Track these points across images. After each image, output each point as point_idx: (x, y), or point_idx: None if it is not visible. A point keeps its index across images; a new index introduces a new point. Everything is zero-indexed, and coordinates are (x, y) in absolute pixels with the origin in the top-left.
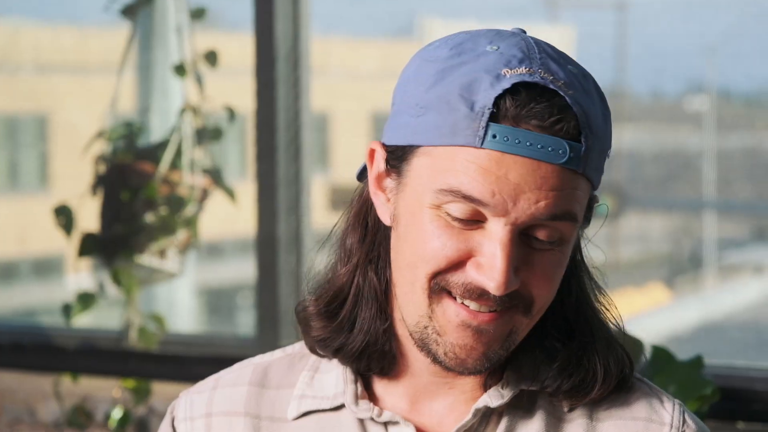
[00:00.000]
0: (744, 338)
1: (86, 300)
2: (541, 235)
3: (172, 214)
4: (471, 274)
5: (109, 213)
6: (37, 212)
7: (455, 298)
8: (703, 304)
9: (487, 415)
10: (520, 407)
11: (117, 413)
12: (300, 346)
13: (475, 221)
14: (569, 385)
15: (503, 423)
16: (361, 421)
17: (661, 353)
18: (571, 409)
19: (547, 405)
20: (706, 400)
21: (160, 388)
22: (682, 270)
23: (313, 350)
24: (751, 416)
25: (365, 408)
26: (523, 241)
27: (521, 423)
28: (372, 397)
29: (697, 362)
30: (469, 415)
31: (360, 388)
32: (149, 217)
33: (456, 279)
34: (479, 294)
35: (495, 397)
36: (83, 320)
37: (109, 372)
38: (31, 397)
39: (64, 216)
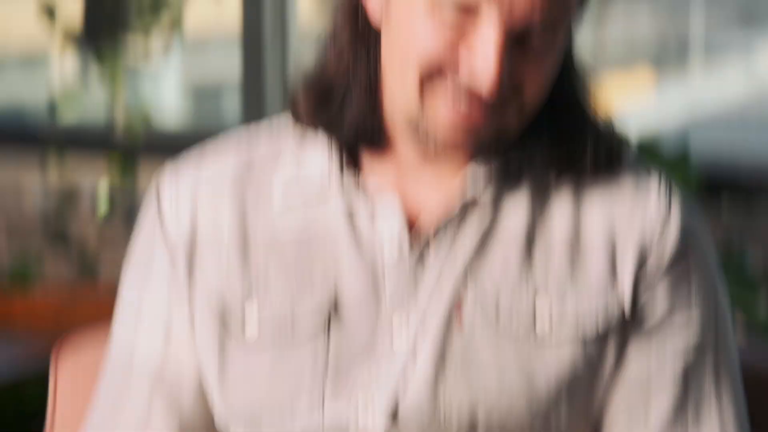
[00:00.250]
0: (730, 126)
1: (72, 95)
2: (534, 36)
3: (157, 5)
4: (462, 76)
5: (93, 8)
6: (21, 7)
7: (446, 98)
8: (689, 90)
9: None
10: (506, 182)
11: (102, 191)
12: (284, 139)
13: (469, 22)
14: (558, 154)
15: (489, 200)
16: (350, 216)
17: (647, 145)
18: (558, 183)
19: (534, 181)
20: (692, 184)
21: (146, 183)
22: (668, 55)
23: (300, 121)
24: (737, 189)
25: (350, 175)
26: (516, 42)
27: (508, 198)
28: (358, 171)
29: (682, 155)
30: (456, 211)
31: (346, 158)
32: (134, 10)
33: (447, 80)
34: (470, 94)
35: (482, 176)
36: (70, 116)
37: (96, 156)
38: (18, 187)
39: (48, 10)
